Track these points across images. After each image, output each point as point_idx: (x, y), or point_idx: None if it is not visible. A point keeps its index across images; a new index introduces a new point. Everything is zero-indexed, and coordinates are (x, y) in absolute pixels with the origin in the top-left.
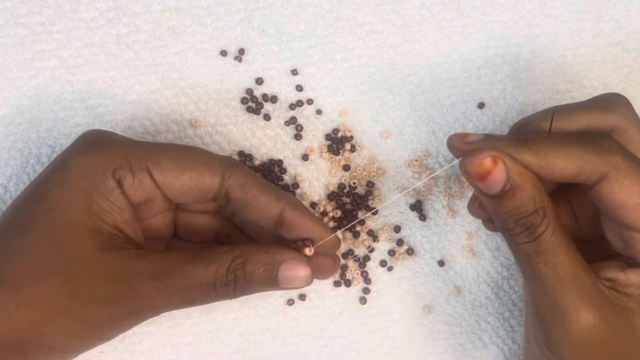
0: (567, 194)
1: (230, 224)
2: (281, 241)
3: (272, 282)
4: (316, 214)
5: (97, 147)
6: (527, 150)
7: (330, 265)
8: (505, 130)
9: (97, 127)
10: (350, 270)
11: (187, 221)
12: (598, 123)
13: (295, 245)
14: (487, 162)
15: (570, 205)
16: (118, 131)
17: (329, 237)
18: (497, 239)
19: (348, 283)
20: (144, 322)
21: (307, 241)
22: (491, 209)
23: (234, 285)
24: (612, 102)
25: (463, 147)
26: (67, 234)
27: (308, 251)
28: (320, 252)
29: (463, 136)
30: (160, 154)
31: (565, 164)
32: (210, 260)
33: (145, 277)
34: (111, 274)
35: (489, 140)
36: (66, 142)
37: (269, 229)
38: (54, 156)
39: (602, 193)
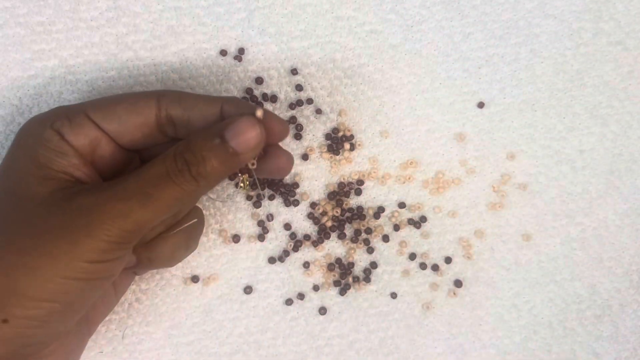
0: None
1: None
2: None
3: (226, 154)
4: (315, 214)
5: (40, 115)
6: None
7: (285, 159)
8: (504, 130)
9: None
10: (350, 272)
11: None
12: None
13: None
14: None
15: None
16: None
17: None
18: (495, 240)
19: (347, 286)
20: (144, 322)
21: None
22: None
23: (188, 170)
24: None
25: None
26: (18, 184)
27: (259, 113)
28: (270, 142)
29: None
30: (96, 100)
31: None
32: (156, 158)
33: (97, 196)
34: (65, 205)
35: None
36: None
37: None
38: None
39: None
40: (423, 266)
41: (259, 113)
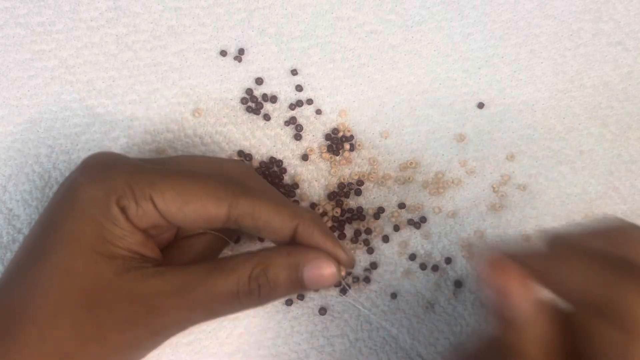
0: None
1: None
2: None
3: (297, 284)
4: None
5: (101, 173)
6: None
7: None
8: (504, 130)
9: (96, 127)
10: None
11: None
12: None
13: None
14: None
15: None
16: (117, 131)
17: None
18: (496, 238)
19: (348, 286)
20: None
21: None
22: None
23: (257, 293)
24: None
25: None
26: (82, 262)
27: (342, 273)
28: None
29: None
30: (164, 184)
31: None
32: (229, 271)
33: (164, 295)
34: (131, 296)
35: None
36: (65, 143)
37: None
38: (53, 157)
39: None
40: (423, 266)
41: (342, 274)
